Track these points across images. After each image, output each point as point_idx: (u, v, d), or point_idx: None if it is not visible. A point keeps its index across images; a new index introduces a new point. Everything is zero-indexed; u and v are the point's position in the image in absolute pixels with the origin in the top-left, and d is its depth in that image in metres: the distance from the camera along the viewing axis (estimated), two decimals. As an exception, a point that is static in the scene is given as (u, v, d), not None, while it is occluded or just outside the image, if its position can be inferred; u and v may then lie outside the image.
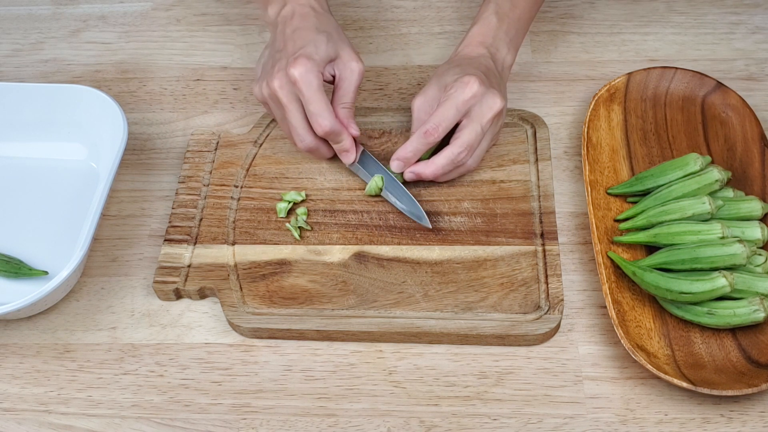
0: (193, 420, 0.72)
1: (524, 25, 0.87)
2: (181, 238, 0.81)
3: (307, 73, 0.77)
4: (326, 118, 0.78)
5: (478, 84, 0.79)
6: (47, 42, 1.04)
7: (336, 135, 0.80)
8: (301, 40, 0.80)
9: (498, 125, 0.82)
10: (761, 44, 0.97)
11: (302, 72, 0.77)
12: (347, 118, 0.81)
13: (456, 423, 0.71)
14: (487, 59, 0.84)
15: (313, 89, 0.77)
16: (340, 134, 0.80)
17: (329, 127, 0.79)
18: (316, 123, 0.79)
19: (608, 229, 0.79)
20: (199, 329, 0.78)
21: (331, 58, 0.80)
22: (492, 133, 0.82)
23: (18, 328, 0.79)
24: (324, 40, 0.80)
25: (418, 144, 0.80)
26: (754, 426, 0.70)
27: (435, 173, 0.81)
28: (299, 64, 0.77)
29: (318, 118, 0.78)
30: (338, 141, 0.81)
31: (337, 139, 0.81)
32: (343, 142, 0.82)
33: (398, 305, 0.76)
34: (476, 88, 0.79)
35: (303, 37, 0.80)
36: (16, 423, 0.73)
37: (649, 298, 0.75)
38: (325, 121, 0.78)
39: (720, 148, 0.85)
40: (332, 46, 0.80)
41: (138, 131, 0.93)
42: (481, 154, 0.82)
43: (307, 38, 0.80)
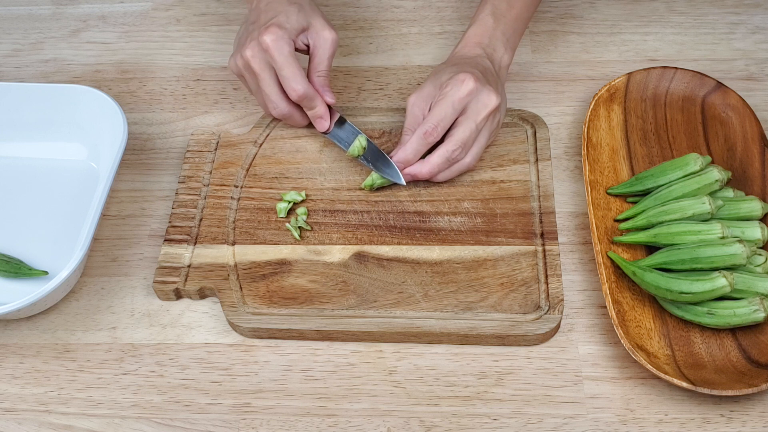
0: (193, 420, 0.72)
1: (521, 25, 0.87)
2: (181, 238, 0.81)
3: (279, 39, 0.79)
4: (299, 83, 0.80)
5: (473, 81, 0.79)
6: (47, 42, 1.04)
7: (309, 100, 0.81)
8: (273, 11, 0.82)
9: (495, 123, 0.82)
10: (761, 44, 0.97)
11: (273, 39, 0.79)
12: (323, 86, 0.83)
13: (456, 423, 0.71)
14: (483, 59, 0.84)
15: (284, 55, 0.79)
16: (313, 99, 0.82)
17: (302, 91, 0.80)
18: (289, 87, 0.80)
19: (608, 229, 0.79)
20: (199, 329, 0.78)
21: (303, 28, 0.82)
22: (489, 130, 0.82)
23: (18, 328, 0.79)
24: (295, 10, 0.82)
25: (418, 145, 0.80)
26: (754, 426, 0.70)
27: (431, 172, 0.81)
28: (270, 32, 0.79)
29: (291, 83, 0.80)
30: (312, 107, 0.83)
31: (311, 104, 0.82)
32: (317, 108, 0.83)
33: (398, 305, 0.76)
34: (471, 86, 0.79)
35: (274, 9, 0.82)
36: (16, 423, 0.73)
37: (649, 298, 0.75)
38: (298, 86, 0.80)
39: (720, 148, 0.85)
40: (303, 16, 0.82)
41: (138, 131, 0.93)
42: (479, 152, 0.82)
43: (279, 9, 0.82)
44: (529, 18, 0.89)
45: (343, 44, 1.00)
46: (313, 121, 0.85)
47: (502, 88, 0.85)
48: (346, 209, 0.83)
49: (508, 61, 0.86)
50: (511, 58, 0.86)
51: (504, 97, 0.85)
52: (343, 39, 1.01)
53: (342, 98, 0.94)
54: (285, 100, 0.83)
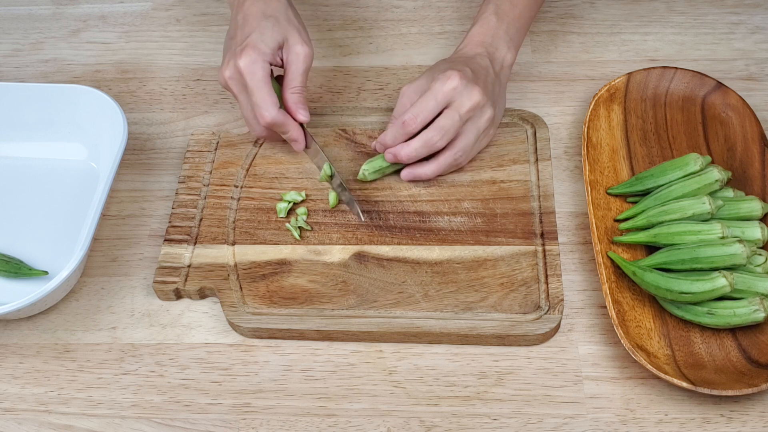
0: (193, 420, 0.72)
1: (524, 24, 0.87)
2: (181, 238, 0.81)
3: (252, 63, 0.78)
4: (267, 110, 0.79)
5: (458, 78, 0.79)
6: (47, 42, 1.04)
7: (279, 126, 0.81)
8: (249, 27, 0.81)
9: (483, 120, 0.82)
10: (761, 44, 0.97)
11: (246, 63, 0.78)
12: (297, 102, 0.82)
13: (456, 423, 0.71)
14: (483, 58, 0.84)
15: (255, 80, 0.79)
16: (283, 125, 0.81)
17: (270, 119, 0.80)
18: (259, 114, 0.80)
19: (608, 229, 0.79)
20: (199, 329, 0.78)
21: (279, 44, 0.81)
22: (475, 126, 0.82)
23: (18, 328, 0.79)
24: (269, 26, 0.81)
25: (396, 133, 0.81)
26: (754, 426, 0.70)
27: (409, 154, 0.81)
28: (244, 54, 0.79)
29: (260, 110, 0.79)
30: (284, 131, 0.82)
31: (282, 129, 0.82)
32: (289, 133, 0.82)
33: (398, 305, 0.76)
34: (456, 82, 0.79)
35: (250, 25, 0.81)
36: (16, 423, 0.73)
37: (649, 298, 0.75)
38: (266, 113, 0.79)
39: (720, 148, 0.85)
40: (278, 31, 0.81)
41: (138, 131, 0.93)
42: (466, 147, 0.82)
43: (254, 25, 0.81)
44: (532, 17, 0.89)
45: (343, 44, 1.01)
46: (290, 143, 0.84)
47: (501, 88, 0.85)
48: (346, 209, 0.83)
49: (511, 60, 0.86)
50: (515, 57, 0.86)
51: (501, 97, 0.85)
52: (343, 39, 1.01)
53: (342, 98, 0.94)
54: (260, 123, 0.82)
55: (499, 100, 0.85)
